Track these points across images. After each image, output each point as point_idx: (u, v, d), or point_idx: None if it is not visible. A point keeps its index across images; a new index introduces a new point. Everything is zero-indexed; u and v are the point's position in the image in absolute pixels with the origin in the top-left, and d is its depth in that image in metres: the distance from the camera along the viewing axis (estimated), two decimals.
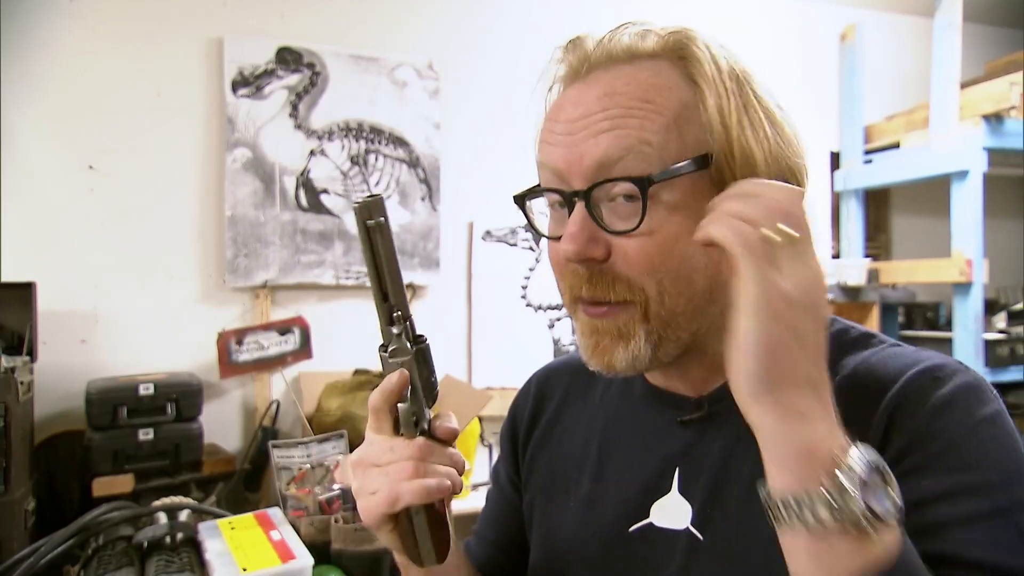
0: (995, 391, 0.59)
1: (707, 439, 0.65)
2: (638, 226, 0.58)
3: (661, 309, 0.60)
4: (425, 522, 0.62)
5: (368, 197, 0.58)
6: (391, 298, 0.60)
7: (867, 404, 0.57)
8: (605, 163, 0.58)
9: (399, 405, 0.61)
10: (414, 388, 0.61)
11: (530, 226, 0.67)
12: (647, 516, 0.66)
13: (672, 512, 0.65)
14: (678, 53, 0.61)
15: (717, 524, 0.62)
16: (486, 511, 0.86)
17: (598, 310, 0.61)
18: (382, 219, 0.58)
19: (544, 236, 0.65)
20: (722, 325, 0.62)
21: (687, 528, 0.64)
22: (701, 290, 0.60)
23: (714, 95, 0.59)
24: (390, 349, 0.61)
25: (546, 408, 0.81)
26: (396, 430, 0.62)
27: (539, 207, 0.67)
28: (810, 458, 0.47)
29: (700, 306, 0.61)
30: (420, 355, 0.62)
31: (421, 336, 0.62)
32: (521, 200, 0.67)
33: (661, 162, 0.57)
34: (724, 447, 0.64)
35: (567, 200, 0.60)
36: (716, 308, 0.62)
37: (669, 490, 0.66)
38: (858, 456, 0.47)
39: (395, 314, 0.61)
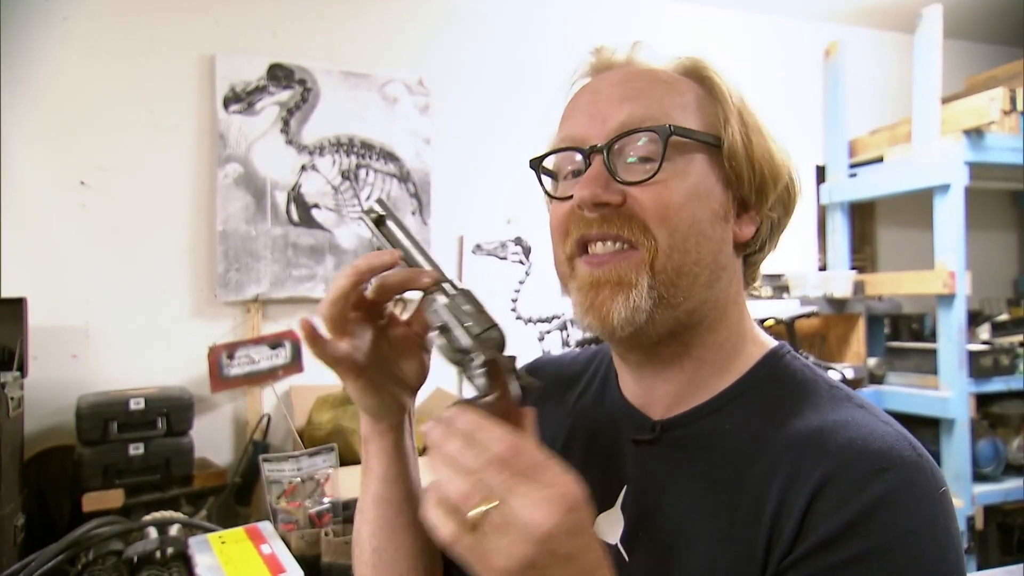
0: (941, 481, 0.57)
1: (655, 463, 0.66)
2: (655, 174, 0.61)
3: (668, 262, 0.61)
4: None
5: (372, 205, 0.67)
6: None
7: (804, 469, 0.57)
8: (627, 123, 0.62)
9: (437, 339, 0.63)
10: (448, 326, 0.62)
11: (542, 189, 0.69)
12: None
13: (611, 526, 0.67)
14: (695, 75, 0.67)
15: (643, 548, 0.64)
16: None
17: (602, 257, 0.62)
18: (384, 215, 0.66)
19: (553, 197, 0.68)
20: (711, 322, 0.65)
21: (616, 544, 0.65)
22: (707, 260, 0.63)
23: (726, 92, 0.65)
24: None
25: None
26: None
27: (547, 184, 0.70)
28: None
29: (702, 278, 0.63)
30: (448, 301, 0.62)
31: (449, 288, 0.63)
32: (537, 163, 0.69)
33: (680, 124, 0.62)
34: (668, 474, 0.65)
35: (585, 156, 0.63)
36: (712, 294, 0.64)
37: (613, 505, 0.67)
38: None
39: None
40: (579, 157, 0.64)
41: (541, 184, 0.69)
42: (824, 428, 0.59)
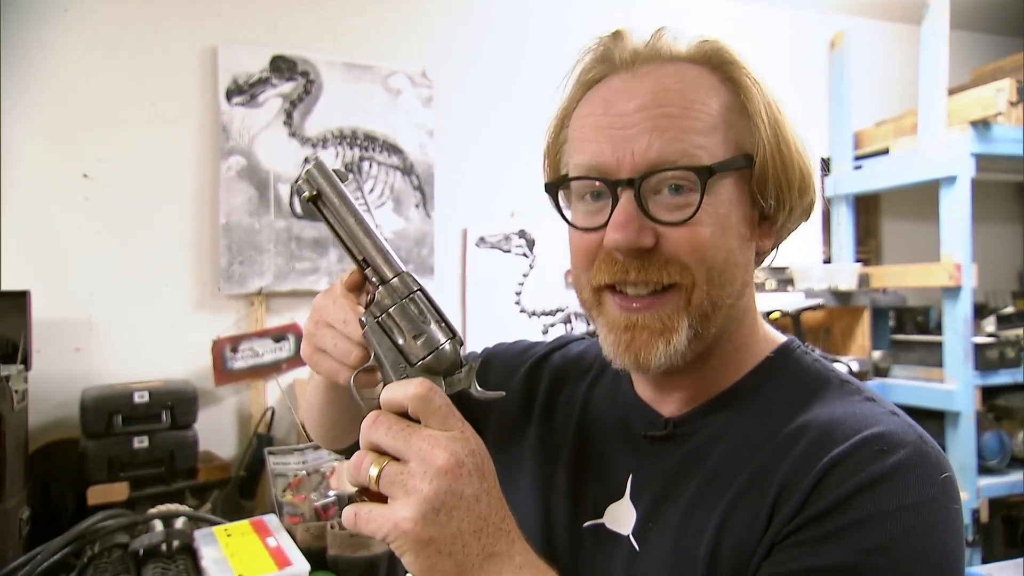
0: (945, 469, 0.58)
1: (664, 456, 0.67)
2: (694, 215, 0.59)
3: (705, 299, 0.60)
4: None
5: (305, 171, 0.59)
6: (362, 262, 0.59)
7: (812, 456, 0.58)
8: (658, 162, 0.59)
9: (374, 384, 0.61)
10: (379, 361, 0.59)
11: (560, 215, 0.67)
12: (601, 516, 0.68)
13: (621, 517, 0.67)
14: (715, 60, 0.64)
15: (654, 538, 0.64)
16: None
17: (639, 302, 0.61)
18: (319, 189, 0.59)
19: (574, 227, 0.65)
20: (730, 332, 0.66)
21: (628, 536, 0.66)
22: (737, 285, 0.63)
23: (757, 97, 0.63)
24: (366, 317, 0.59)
25: (543, 378, 0.82)
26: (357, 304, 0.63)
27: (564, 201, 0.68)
28: None
29: (733, 304, 0.63)
30: (376, 327, 0.59)
31: (383, 302, 0.59)
32: (554, 188, 0.66)
33: (713, 159, 0.60)
34: (676, 466, 0.65)
35: (612, 190, 0.60)
36: (735, 311, 0.65)
37: (622, 496, 0.68)
38: None
39: (372, 277, 0.60)
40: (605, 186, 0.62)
41: (559, 210, 0.67)
42: (834, 420, 0.60)
